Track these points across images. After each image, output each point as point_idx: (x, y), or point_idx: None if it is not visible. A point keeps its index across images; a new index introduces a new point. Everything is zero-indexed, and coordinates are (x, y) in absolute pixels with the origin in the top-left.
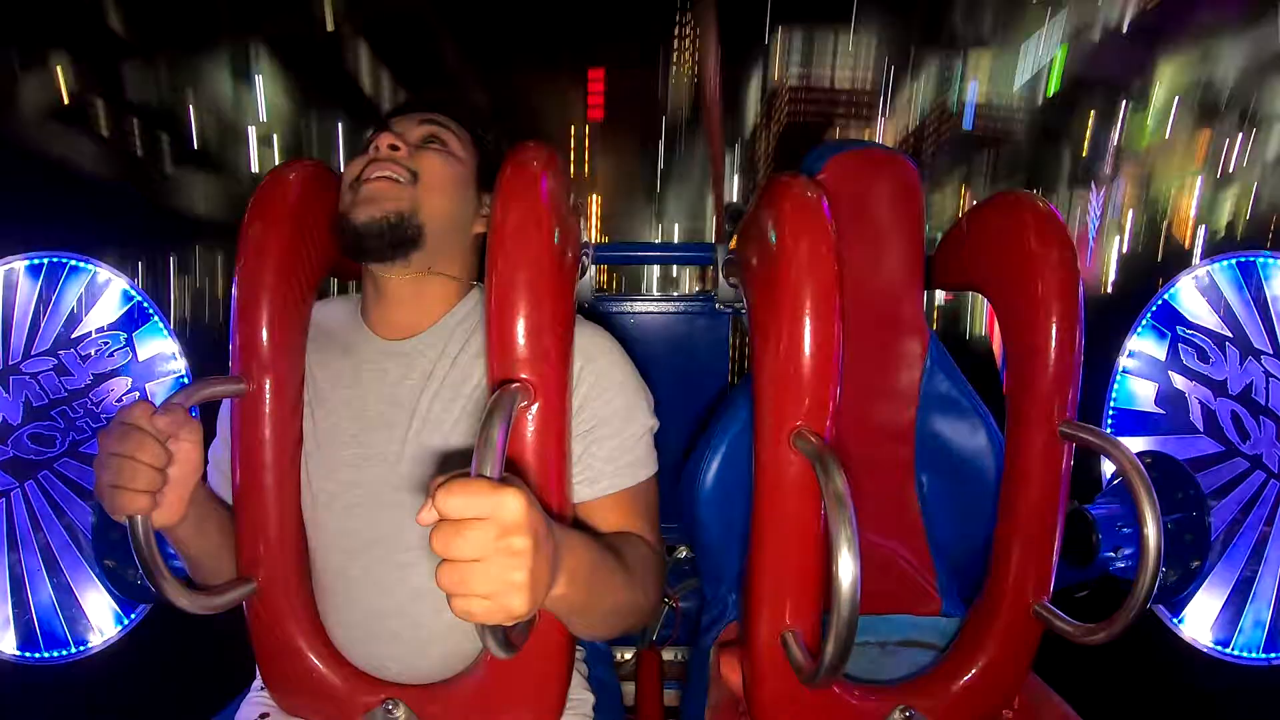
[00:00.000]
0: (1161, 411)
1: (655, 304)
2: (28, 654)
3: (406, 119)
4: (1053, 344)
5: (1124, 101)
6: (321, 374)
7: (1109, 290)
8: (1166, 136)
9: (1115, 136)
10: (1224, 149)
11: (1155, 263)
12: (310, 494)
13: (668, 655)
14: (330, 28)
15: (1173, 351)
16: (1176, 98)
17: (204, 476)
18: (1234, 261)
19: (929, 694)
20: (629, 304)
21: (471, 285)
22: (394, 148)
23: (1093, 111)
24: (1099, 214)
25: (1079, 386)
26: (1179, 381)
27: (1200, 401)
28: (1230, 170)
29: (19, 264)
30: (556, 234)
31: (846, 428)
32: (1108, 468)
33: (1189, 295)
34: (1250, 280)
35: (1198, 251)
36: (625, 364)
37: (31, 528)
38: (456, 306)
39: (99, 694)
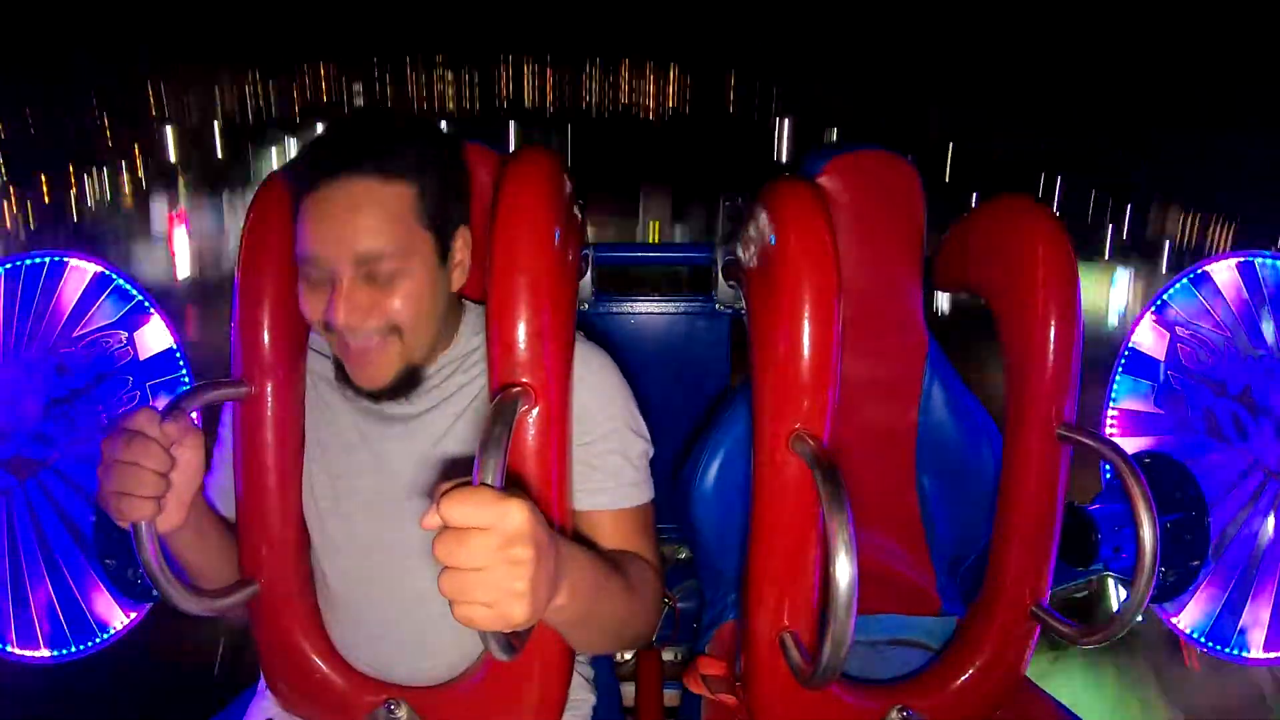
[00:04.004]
0: (1161, 411)
1: (655, 304)
2: (28, 653)
3: (330, 248)
4: (1051, 347)
5: None
6: (324, 381)
7: None
8: None
9: None
10: None
11: None
12: (313, 500)
13: (667, 655)
14: None
15: (1172, 351)
16: None
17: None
18: (1234, 261)
19: (926, 694)
20: (628, 304)
21: (461, 319)
22: (353, 319)
23: None
24: None
25: (1077, 389)
26: (1179, 381)
27: (1200, 401)
28: None
29: (20, 264)
30: (556, 237)
31: (845, 430)
32: (1108, 467)
33: (1189, 295)
34: (1250, 280)
35: None
36: (623, 384)
37: (32, 526)
38: (453, 344)
39: (99, 694)
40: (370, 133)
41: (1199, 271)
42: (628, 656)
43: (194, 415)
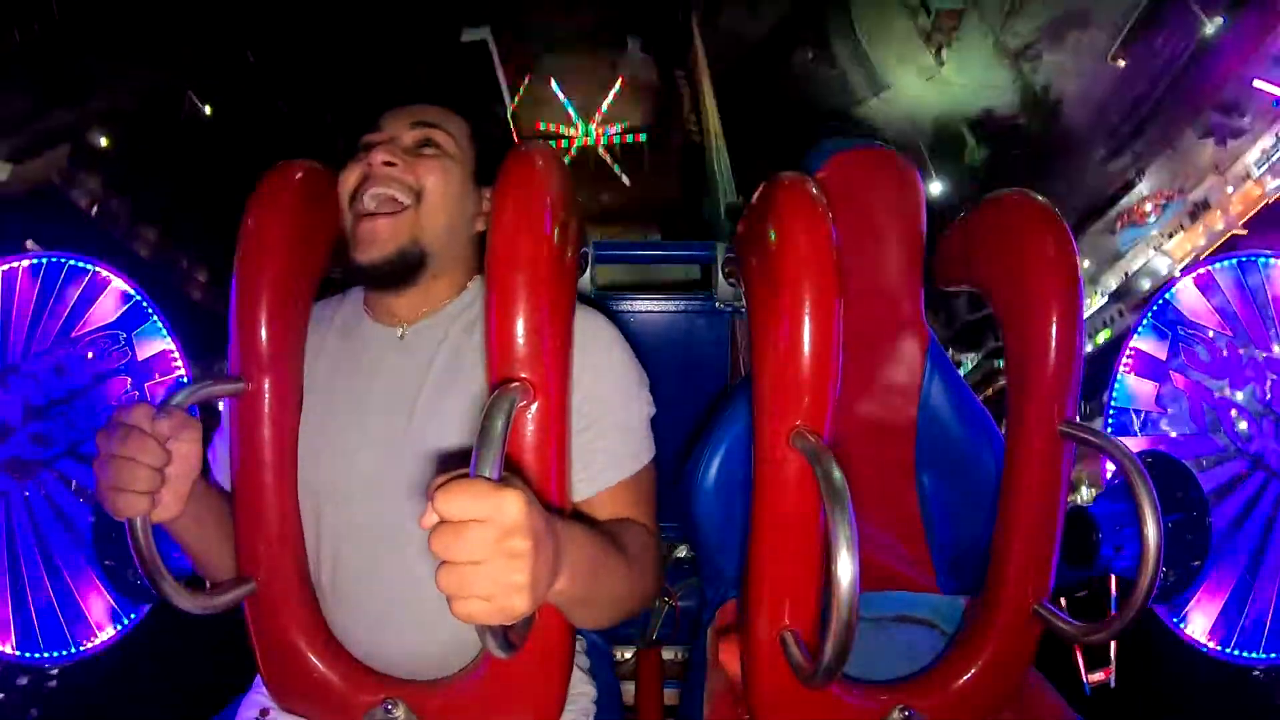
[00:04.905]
0: (1161, 411)
1: (655, 303)
2: (28, 654)
3: (399, 117)
4: (1052, 344)
5: None
6: (321, 362)
7: None
8: None
9: None
10: None
11: None
12: (310, 484)
13: (668, 655)
14: None
15: (1173, 351)
16: None
17: (204, 472)
18: (1234, 261)
19: (928, 693)
20: (629, 302)
21: (473, 276)
22: (389, 163)
23: None
24: None
25: (1079, 387)
26: (1179, 381)
27: (1200, 401)
28: None
29: (19, 264)
30: (556, 233)
31: (846, 427)
32: (1109, 467)
33: (1189, 295)
34: (1250, 280)
35: None
36: (623, 352)
37: (31, 527)
38: (458, 297)
39: (99, 694)
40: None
41: (1201, 271)
42: (628, 655)
43: (193, 410)
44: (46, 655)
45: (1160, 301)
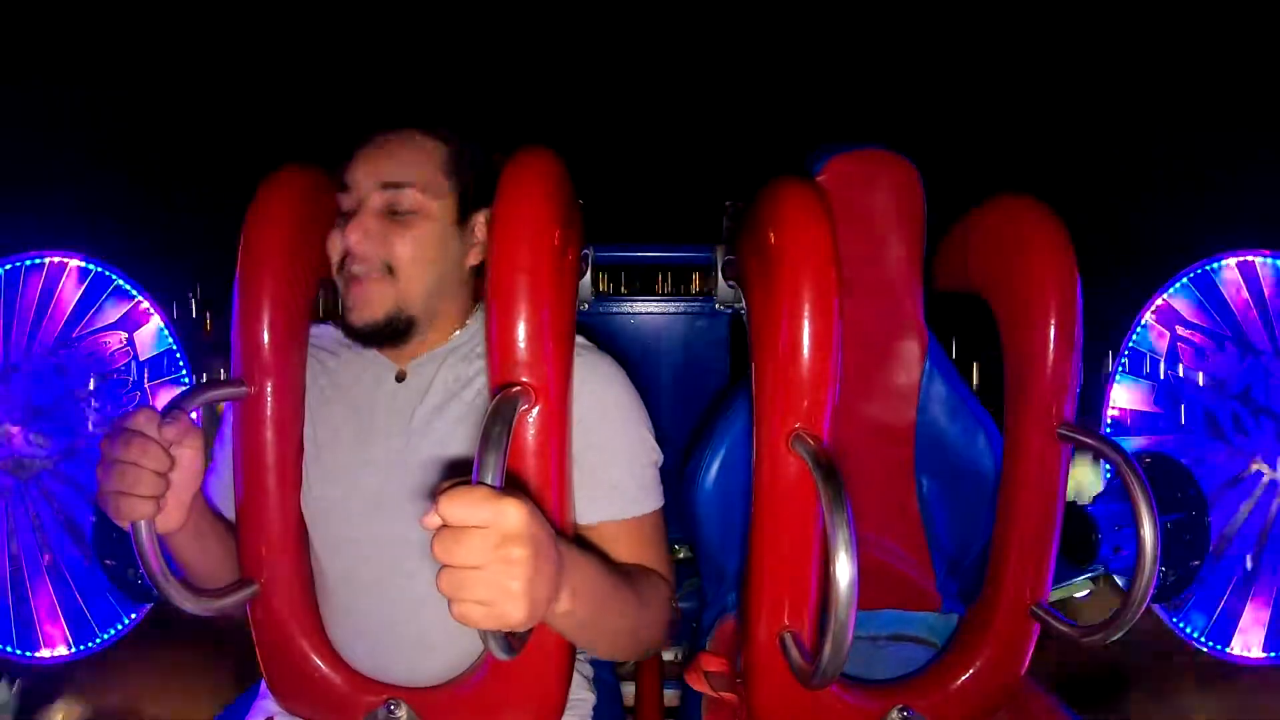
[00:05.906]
0: (1161, 411)
1: (655, 304)
2: (28, 654)
3: (367, 172)
4: (1051, 346)
5: None
6: (324, 381)
7: None
8: None
9: None
10: None
11: None
12: (312, 500)
13: (668, 655)
14: None
15: (1172, 351)
16: None
17: (202, 487)
18: (1234, 261)
19: (927, 693)
20: (629, 304)
21: (471, 311)
22: (361, 240)
23: None
24: None
25: (1078, 389)
26: (1178, 381)
27: (1199, 401)
28: None
29: (20, 264)
30: (557, 236)
31: (845, 429)
32: (1108, 467)
33: (1189, 295)
34: (1250, 280)
35: None
36: (630, 391)
37: (31, 527)
38: (460, 330)
39: (99, 694)
40: (419, 111)
41: (1199, 271)
42: None
43: (194, 415)
44: (46, 655)
45: (1160, 301)
